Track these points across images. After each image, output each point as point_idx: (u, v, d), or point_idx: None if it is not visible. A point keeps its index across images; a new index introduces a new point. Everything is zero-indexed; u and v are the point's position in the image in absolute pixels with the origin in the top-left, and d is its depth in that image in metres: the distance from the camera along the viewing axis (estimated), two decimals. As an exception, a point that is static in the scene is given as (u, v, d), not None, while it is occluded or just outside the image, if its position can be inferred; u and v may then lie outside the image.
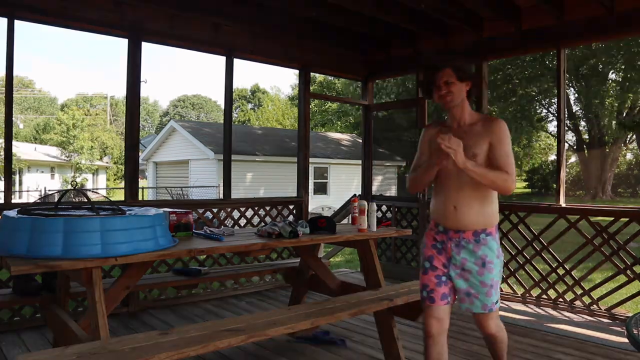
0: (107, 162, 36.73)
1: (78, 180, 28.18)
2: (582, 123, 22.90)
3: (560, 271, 4.48)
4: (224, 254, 5.09)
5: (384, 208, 6.13)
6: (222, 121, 5.88)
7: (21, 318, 3.88)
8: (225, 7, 4.51)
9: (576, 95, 21.46)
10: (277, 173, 17.61)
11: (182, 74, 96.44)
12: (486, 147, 2.22)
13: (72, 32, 71.88)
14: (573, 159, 26.23)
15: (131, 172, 4.35)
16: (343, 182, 18.96)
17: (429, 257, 2.35)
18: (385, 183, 20.43)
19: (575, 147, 23.81)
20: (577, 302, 4.41)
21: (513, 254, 4.84)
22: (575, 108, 22.25)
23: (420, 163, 2.41)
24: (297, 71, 5.74)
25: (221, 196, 5.30)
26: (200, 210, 4.91)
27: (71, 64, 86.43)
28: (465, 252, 2.27)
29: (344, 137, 23.29)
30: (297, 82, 6.26)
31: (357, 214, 3.39)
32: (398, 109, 20.77)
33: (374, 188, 19.08)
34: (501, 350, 2.42)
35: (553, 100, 20.89)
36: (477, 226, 2.26)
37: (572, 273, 4.45)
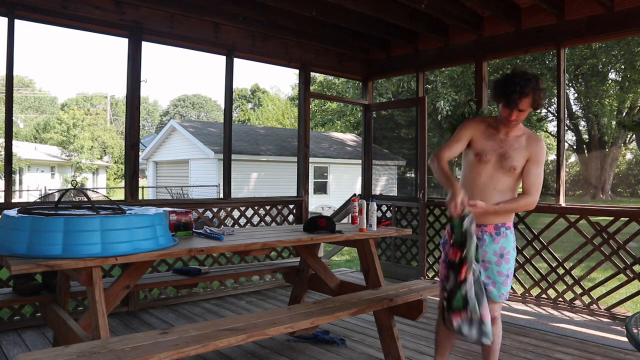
0: (107, 162, 36.72)
1: (78, 179, 28.17)
2: (582, 123, 22.89)
3: (560, 271, 4.49)
4: (224, 254, 5.09)
5: (384, 207, 6.13)
6: (222, 121, 5.88)
7: (21, 317, 3.88)
8: (225, 7, 4.51)
9: (576, 95, 21.45)
10: (279, 173, 17.56)
11: (182, 74, 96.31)
12: (524, 161, 2.46)
13: (72, 32, 72.12)
14: (573, 158, 26.24)
15: (131, 172, 4.35)
16: (345, 182, 18.91)
17: None
18: (389, 183, 20.37)
19: (575, 147, 23.80)
20: (577, 302, 4.41)
21: (513, 253, 4.84)
22: (575, 108, 22.23)
23: (452, 148, 2.55)
24: (297, 71, 5.74)
25: (221, 196, 5.31)
26: (201, 210, 4.92)
27: (71, 64, 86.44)
28: (487, 245, 2.50)
29: (349, 137, 23.12)
30: (297, 82, 6.26)
31: (357, 214, 3.39)
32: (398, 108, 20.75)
33: (378, 189, 19.03)
34: (498, 337, 2.58)
35: (553, 100, 20.84)
36: (498, 220, 2.50)
37: (572, 272, 4.45)
